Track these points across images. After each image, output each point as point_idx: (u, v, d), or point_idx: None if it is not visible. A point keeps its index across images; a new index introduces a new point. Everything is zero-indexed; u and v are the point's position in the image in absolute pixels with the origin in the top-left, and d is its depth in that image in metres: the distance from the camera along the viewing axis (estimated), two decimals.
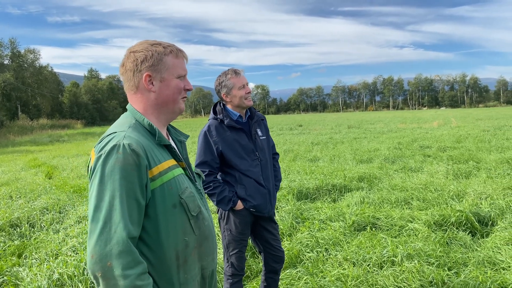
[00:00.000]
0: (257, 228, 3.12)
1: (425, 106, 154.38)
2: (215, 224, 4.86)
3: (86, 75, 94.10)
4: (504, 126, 21.35)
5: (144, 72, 1.50)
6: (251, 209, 2.94)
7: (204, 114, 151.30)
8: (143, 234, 1.40)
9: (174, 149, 1.56)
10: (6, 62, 55.91)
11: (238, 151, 2.92)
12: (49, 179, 9.88)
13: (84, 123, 60.12)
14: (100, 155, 1.35)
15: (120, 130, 1.44)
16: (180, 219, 1.47)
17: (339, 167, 9.14)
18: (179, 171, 1.53)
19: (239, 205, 2.92)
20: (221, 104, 3.03)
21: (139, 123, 1.51)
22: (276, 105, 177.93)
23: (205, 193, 2.94)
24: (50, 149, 20.44)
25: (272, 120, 54.68)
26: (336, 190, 6.97)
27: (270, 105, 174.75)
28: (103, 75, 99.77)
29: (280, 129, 28.66)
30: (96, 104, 74.11)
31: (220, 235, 3.12)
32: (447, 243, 4.33)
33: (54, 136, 33.51)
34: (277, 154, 3.32)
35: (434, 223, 4.96)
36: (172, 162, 1.52)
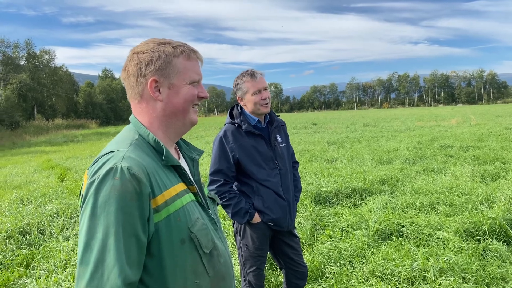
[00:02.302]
0: (277, 243, 2.85)
1: (441, 103, 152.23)
2: (227, 231, 4.62)
3: (101, 75, 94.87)
4: None
5: (149, 77, 1.24)
6: (269, 223, 2.67)
7: (217, 113, 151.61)
8: (145, 276, 1.13)
9: (184, 171, 1.29)
10: (22, 63, 56.68)
11: (256, 159, 2.65)
12: (62, 181, 9.76)
13: (99, 122, 60.62)
14: (93, 181, 1.09)
15: (119, 148, 1.18)
16: (190, 257, 1.20)
17: (358, 169, 8.80)
18: (189, 197, 1.26)
19: (256, 218, 2.65)
20: (239, 108, 2.77)
21: (143, 138, 1.26)
22: (289, 103, 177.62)
23: (219, 204, 2.68)
24: (64, 150, 20.49)
25: (285, 119, 54.25)
26: (356, 194, 6.65)
27: (283, 103, 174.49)
28: (117, 75, 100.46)
29: (294, 127, 28.33)
30: (110, 103, 74.65)
31: (236, 251, 2.85)
32: (482, 255, 3.99)
33: (69, 136, 33.75)
34: (297, 162, 3.03)
35: (464, 231, 4.62)
36: (181, 186, 1.25)
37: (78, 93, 72.42)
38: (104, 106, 72.14)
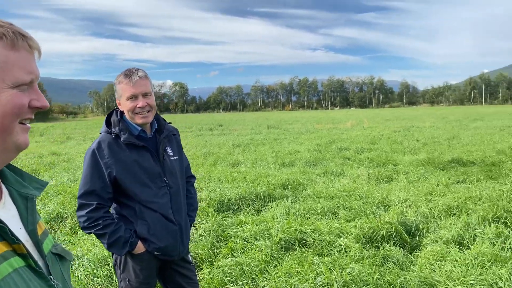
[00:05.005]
0: (167, 273, 2.42)
1: (337, 106, 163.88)
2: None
3: None
4: (411, 127, 22.77)
5: None
6: (155, 253, 2.22)
7: None
8: None
9: (2, 223, 0.80)
10: None
11: (139, 176, 2.17)
12: None
13: None
14: None
15: None
16: None
17: (262, 173, 8.67)
18: (9, 266, 0.77)
19: (139, 248, 2.18)
20: (118, 113, 2.27)
21: None
22: (195, 103, 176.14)
23: (91, 233, 2.18)
24: None
25: (191, 120, 53.46)
26: (260, 199, 6.44)
27: (189, 104, 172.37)
28: None
29: (200, 129, 27.80)
30: None
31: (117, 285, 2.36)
32: (382, 263, 3.98)
33: None
34: (193, 177, 2.61)
35: (364, 236, 4.64)
36: None
37: None
38: None
